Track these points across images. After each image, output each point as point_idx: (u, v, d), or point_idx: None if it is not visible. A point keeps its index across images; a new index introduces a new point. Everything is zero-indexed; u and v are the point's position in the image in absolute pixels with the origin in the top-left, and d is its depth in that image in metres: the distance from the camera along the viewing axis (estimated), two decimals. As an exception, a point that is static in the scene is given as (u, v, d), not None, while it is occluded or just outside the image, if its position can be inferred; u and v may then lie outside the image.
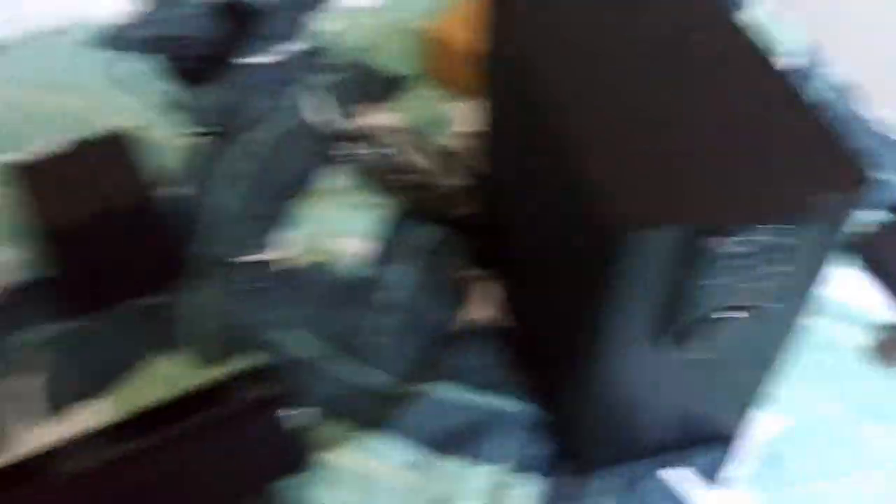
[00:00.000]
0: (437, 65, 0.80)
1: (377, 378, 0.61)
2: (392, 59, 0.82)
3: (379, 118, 0.76)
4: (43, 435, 0.56)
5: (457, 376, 0.60)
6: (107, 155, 0.59)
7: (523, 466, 0.57)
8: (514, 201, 0.58)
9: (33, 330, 0.61)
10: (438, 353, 0.61)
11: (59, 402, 0.58)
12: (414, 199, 0.72)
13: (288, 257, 0.67)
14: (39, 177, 0.59)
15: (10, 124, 0.72)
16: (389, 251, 0.68)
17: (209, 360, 0.61)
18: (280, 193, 0.70)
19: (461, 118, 0.75)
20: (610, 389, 0.50)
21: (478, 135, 0.65)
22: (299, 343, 0.62)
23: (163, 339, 0.61)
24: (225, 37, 0.80)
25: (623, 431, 0.55)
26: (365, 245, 0.68)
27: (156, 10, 0.83)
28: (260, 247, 0.67)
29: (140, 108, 0.74)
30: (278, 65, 0.80)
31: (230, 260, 0.65)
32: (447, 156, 0.73)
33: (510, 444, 0.57)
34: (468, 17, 0.81)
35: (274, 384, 0.52)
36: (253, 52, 0.80)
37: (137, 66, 0.77)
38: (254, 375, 0.56)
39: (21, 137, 0.70)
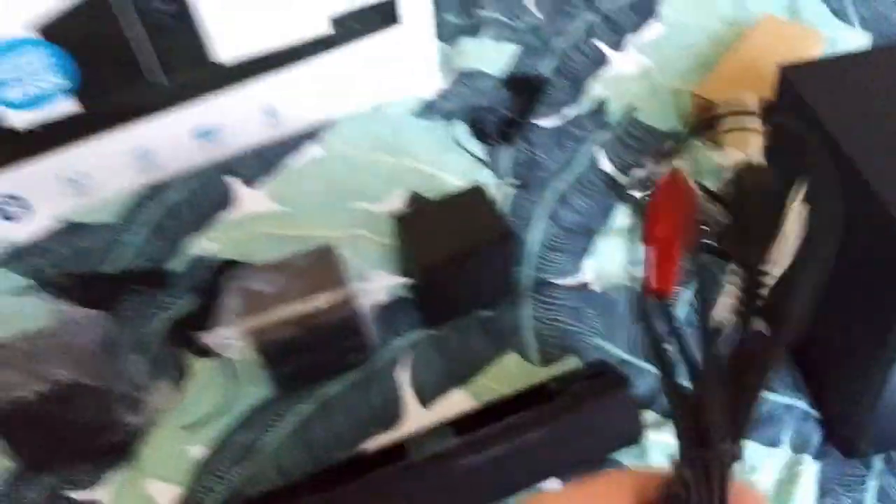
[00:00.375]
0: (699, 118, 0.94)
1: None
2: (662, 117, 0.97)
3: (653, 168, 0.91)
4: (413, 421, 0.74)
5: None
6: (470, 203, 0.77)
7: (806, 450, 0.69)
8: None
9: (402, 336, 0.80)
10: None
11: (424, 395, 0.77)
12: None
13: (593, 280, 0.83)
14: (414, 222, 0.78)
15: (360, 180, 0.93)
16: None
17: (541, 360, 0.77)
18: (584, 230, 0.86)
19: (727, 168, 0.89)
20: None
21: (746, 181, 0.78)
22: (607, 349, 0.78)
23: (503, 343, 0.79)
24: (519, 104, 0.98)
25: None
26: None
27: (459, 85, 1.02)
28: (574, 272, 0.84)
29: (462, 165, 0.93)
30: (566, 125, 0.97)
31: (554, 282, 0.82)
32: (718, 201, 0.87)
33: (796, 431, 0.70)
34: (730, 78, 0.95)
35: (613, 373, 0.68)
36: (544, 116, 0.98)
37: (451, 131, 0.97)
38: (587, 371, 0.72)
39: (373, 191, 0.91)
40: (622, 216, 0.88)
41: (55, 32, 0.80)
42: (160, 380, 0.75)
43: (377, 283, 0.75)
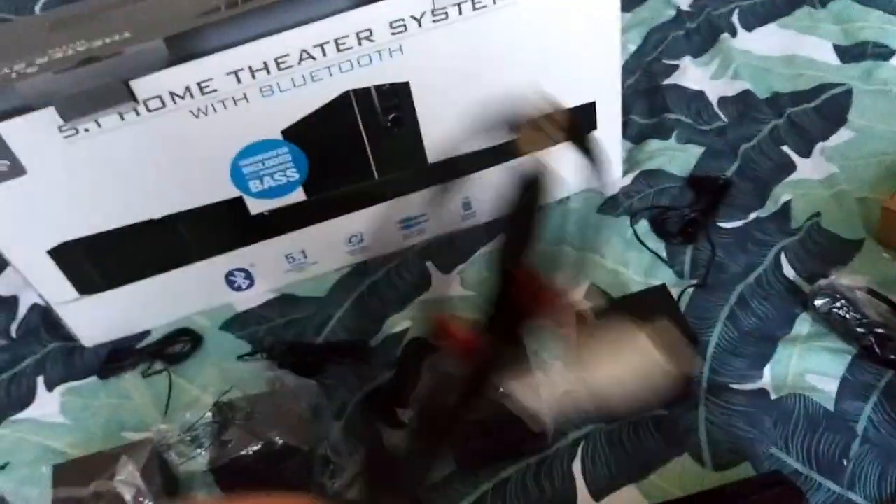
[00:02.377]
0: (888, 230, 0.93)
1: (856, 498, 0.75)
2: (844, 224, 0.97)
3: (837, 276, 0.91)
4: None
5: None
6: (653, 302, 0.81)
7: None
8: None
9: (578, 428, 0.84)
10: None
11: (596, 488, 0.80)
12: (868, 346, 0.85)
13: (770, 387, 0.84)
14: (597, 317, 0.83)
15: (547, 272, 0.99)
16: (849, 388, 0.82)
17: (714, 465, 0.79)
18: (764, 335, 0.88)
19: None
20: None
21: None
22: (782, 459, 0.78)
23: (676, 444, 0.81)
24: (702, 204, 1.02)
25: None
26: (831, 382, 0.83)
27: (641, 183, 1.07)
28: (752, 378, 0.85)
29: (643, 262, 0.97)
30: (749, 227, 0.99)
31: (731, 386, 0.84)
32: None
33: None
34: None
35: (788, 486, 0.69)
36: (727, 217, 1.00)
37: (633, 229, 1.01)
38: (761, 481, 0.73)
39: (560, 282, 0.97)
40: (803, 324, 0.89)
41: (294, 134, 0.93)
42: (356, 448, 0.84)
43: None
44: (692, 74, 1.20)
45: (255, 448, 0.76)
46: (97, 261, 0.96)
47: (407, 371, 0.90)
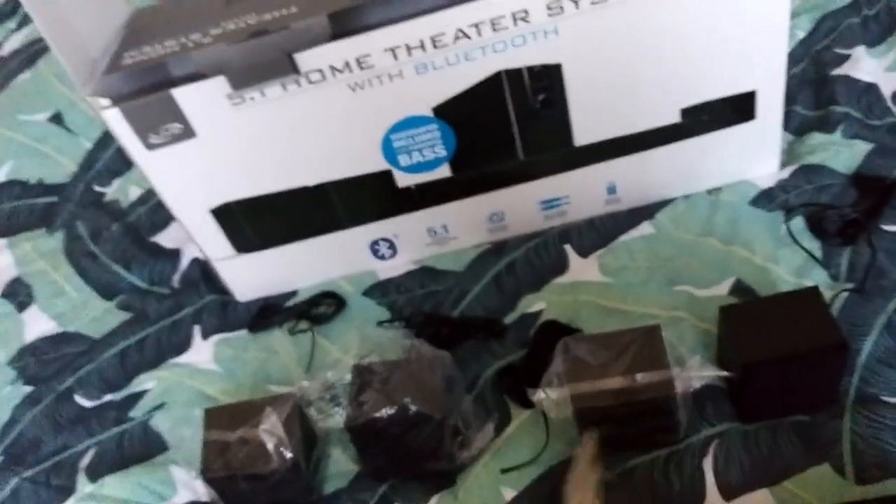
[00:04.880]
0: None
1: None
2: None
3: None
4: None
5: None
6: (803, 304, 0.78)
7: None
8: None
9: (712, 426, 0.82)
10: None
11: (727, 488, 0.78)
12: None
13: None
14: (741, 315, 0.81)
15: (686, 263, 0.97)
16: None
17: (856, 478, 0.75)
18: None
19: None
20: None
21: None
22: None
23: (817, 453, 0.78)
24: (865, 204, 0.95)
25: None
26: None
27: (800, 177, 1.02)
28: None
29: (796, 261, 0.93)
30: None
31: (882, 398, 0.79)
32: None
33: None
34: None
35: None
36: (890, 221, 0.94)
37: (788, 225, 0.97)
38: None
39: (699, 276, 0.95)
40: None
41: (444, 111, 0.95)
42: (485, 421, 0.86)
43: (693, 369, 0.78)
44: (865, 65, 1.12)
45: (390, 412, 0.79)
46: (254, 222, 1.02)
47: (540, 352, 0.90)
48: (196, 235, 1.03)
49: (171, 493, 0.90)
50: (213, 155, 0.96)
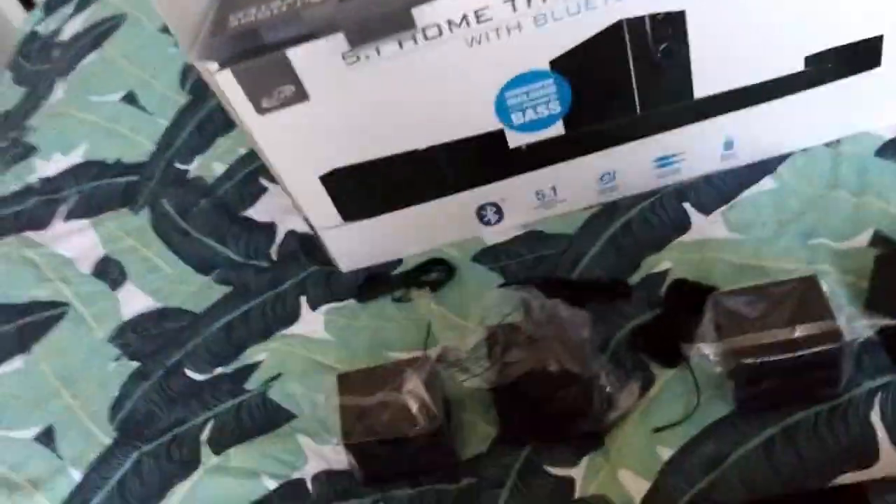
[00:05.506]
0: None
1: None
2: None
3: None
4: (888, 466, 0.73)
5: None
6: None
7: None
8: None
9: (873, 378, 0.78)
10: None
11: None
12: None
13: None
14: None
15: (816, 216, 0.93)
16: None
17: None
18: None
19: None
20: None
21: None
22: None
23: None
24: None
25: None
26: None
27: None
28: None
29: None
30: None
31: None
32: None
33: None
34: None
35: None
36: None
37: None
38: None
39: (833, 228, 0.91)
40: None
41: (562, 65, 0.92)
42: (629, 381, 0.83)
43: (859, 319, 0.75)
44: None
45: (538, 371, 0.77)
46: (362, 189, 1.00)
47: (675, 310, 0.88)
48: (303, 203, 1.01)
49: (301, 462, 0.88)
50: (324, 118, 0.93)
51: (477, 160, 1.00)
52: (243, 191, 1.22)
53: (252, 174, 1.24)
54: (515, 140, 0.97)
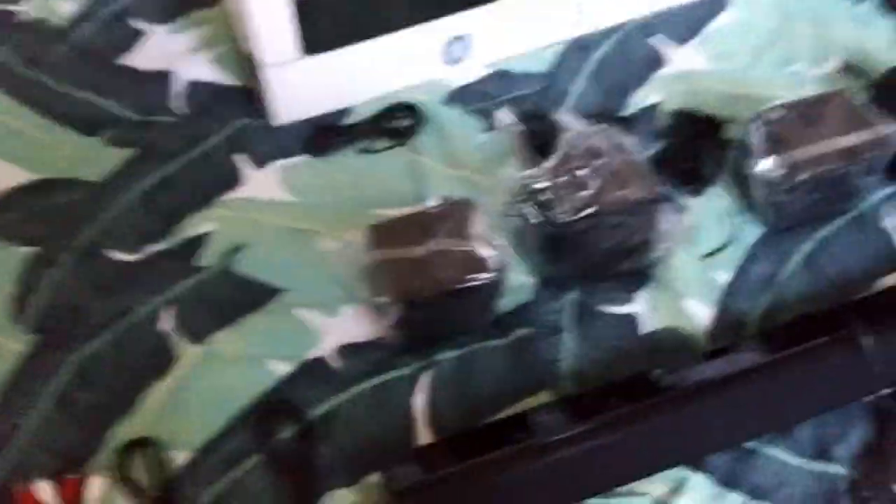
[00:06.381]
0: None
1: None
2: None
3: None
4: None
5: None
6: None
7: None
8: None
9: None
10: None
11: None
12: None
13: None
14: None
15: (783, 47, 0.95)
16: None
17: None
18: None
19: None
20: None
21: None
22: None
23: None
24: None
25: None
26: None
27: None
28: None
29: (886, 36, 0.95)
30: None
31: None
32: None
33: None
34: None
35: None
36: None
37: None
38: None
39: (802, 56, 0.93)
40: None
41: None
42: (675, 212, 0.78)
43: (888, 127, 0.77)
44: None
45: (610, 201, 0.70)
46: (333, 13, 0.82)
47: (684, 140, 0.85)
48: (261, 33, 0.80)
49: (312, 339, 0.73)
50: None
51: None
52: (111, 35, 0.97)
53: (119, 16, 0.98)
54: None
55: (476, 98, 0.92)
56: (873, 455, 0.67)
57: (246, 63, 0.90)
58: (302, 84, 0.87)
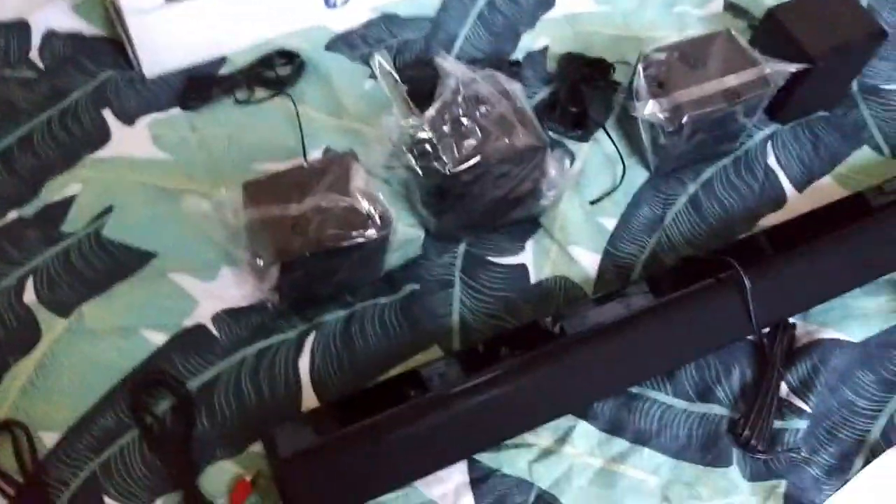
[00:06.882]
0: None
1: None
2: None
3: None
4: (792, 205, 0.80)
5: None
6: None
7: None
8: None
9: (760, 129, 0.83)
10: None
11: (796, 181, 0.81)
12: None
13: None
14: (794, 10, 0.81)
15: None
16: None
17: (892, 153, 0.83)
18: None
19: None
20: None
21: None
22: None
23: (854, 138, 0.84)
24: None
25: None
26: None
27: None
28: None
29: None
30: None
31: (879, 86, 0.87)
32: None
33: None
34: None
35: None
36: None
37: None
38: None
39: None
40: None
41: None
42: (562, 158, 0.77)
43: (777, 64, 0.77)
44: None
45: (498, 149, 0.67)
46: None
47: (572, 84, 0.83)
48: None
49: (189, 305, 0.69)
50: None
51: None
52: (-47, -22, 0.88)
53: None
54: None
55: (360, 43, 0.88)
56: (753, 395, 0.68)
57: (109, 10, 0.84)
58: (169, 32, 0.81)
